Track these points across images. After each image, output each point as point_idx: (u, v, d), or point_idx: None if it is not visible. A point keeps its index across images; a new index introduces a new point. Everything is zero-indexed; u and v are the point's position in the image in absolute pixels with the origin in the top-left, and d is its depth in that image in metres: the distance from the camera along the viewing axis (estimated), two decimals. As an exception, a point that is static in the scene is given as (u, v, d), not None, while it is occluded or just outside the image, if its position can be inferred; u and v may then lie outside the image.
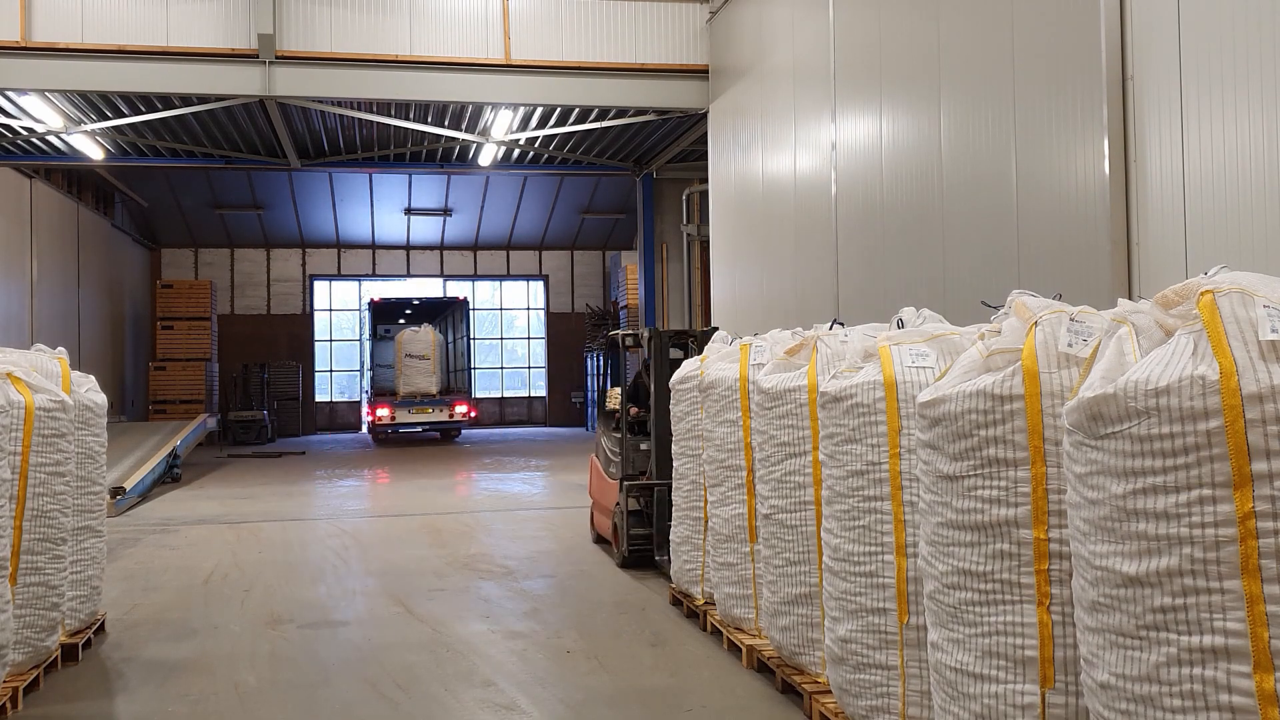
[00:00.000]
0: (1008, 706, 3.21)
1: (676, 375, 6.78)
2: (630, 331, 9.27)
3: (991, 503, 3.27)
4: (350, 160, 17.41)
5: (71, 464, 5.74)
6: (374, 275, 28.71)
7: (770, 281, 10.94)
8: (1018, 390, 3.25)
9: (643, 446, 8.54)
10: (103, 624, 6.61)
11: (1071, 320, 3.30)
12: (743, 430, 5.75)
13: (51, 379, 5.85)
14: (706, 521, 6.37)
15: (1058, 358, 3.24)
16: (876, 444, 4.13)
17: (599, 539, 9.61)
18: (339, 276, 28.70)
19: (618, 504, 8.50)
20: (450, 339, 26.32)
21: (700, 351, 7.58)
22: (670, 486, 7.32)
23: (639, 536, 8.28)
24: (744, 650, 5.65)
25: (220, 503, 13.42)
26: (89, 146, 15.99)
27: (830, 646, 4.38)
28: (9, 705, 4.96)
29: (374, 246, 28.48)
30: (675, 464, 6.86)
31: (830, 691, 4.57)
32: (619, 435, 8.77)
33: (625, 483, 8.34)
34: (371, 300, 25.94)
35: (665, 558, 7.72)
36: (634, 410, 8.79)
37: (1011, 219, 6.80)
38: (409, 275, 28.88)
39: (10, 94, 12.65)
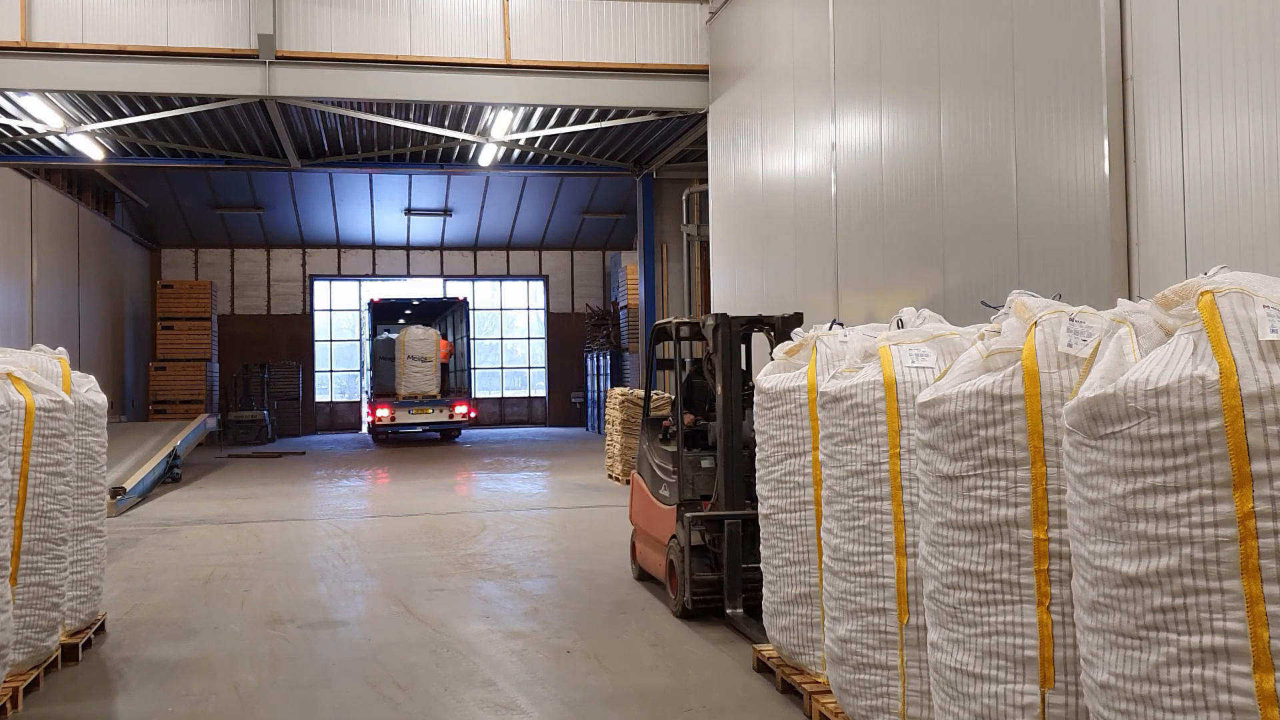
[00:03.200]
0: (1008, 706, 3.21)
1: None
2: (687, 320, 7.36)
3: (991, 503, 3.27)
4: (350, 160, 17.40)
5: (71, 464, 5.73)
6: (374, 275, 28.71)
7: (770, 281, 10.94)
8: (1017, 390, 3.25)
9: (704, 464, 6.87)
10: (103, 624, 6.60)
11: (1071, 320, 3.30)
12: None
13: (51, 379, 5.84)
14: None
15: (1057, 358, 3.24)
16: (876, 444, 4.13)
17: (642, 574, 7.93)
18: (339, 277, 28.70)
19: (674, 537, 6.82)
20: (450, 339, 26.32)
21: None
22: (745, 519, 6.19)
23: (705, 583, 6.53)
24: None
25: (220, 503, 13.42)
26: (89, 146, 15.98)
27: (830, 646, 4.38)
28: (9, 705, 4.96)
29: (374, 247, 28.48)
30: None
31: (830, 691, 4.57)
32: (672, 450, 7.08)
33: (685, 511, 6.58)
34: (371, 301, 25.95)
35: (739, 611, 6.31)
36: (690, 418, 7.23)
37: (1011, 219, 6.79)
38: (409, 275, 28.88)
39: (10, 94, 12.65)
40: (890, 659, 4.07)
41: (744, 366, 6.90)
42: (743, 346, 6.87)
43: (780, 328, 6.87)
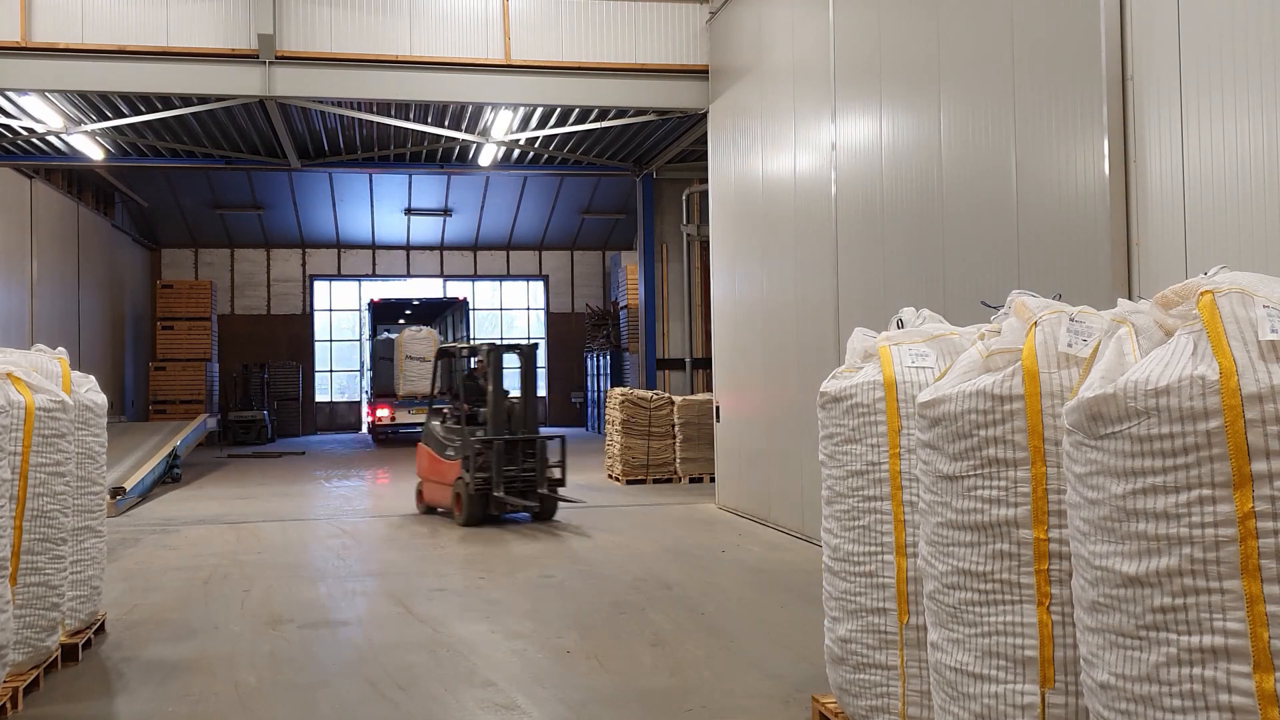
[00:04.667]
0: (1008, 706, 3.21)
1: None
2: (466, 345, 12.65)
3: (991, 503, 3.27)
4: (350, 160, 17.40)
5: (71, 464, 5.73)
6: (374, 275, 28.72)
7: (770, 281, 10.94)
8: (1017, 390, 3.25)
9: (476, 434, 11.13)
10: (103, 624, 6.60)
11: (1071, 320, 3.29)
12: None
13: (51, 379, 5.84)
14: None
15: (1057, 358, 3.24)
16: (876, 444, 4.12)
17: (428, 510, 12.07)
18: (339, 277, 28.70)
19: (459, 478, 11.03)
20: (450, 339, 26.32)
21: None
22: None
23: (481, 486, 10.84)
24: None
25: (220, 503, 13.42)
26: (89, 146, 15.98)
27: (830, 646, 4.37)
28: (9, 705, 4.96)
29: (374, 247, 28.48)
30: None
31: (830, 691, 4.56)
32: (455, 427, 11.56)
33: (468, 452, 10.93)
34: (371, 301, 25.94)
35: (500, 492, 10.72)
36: (465, 407, 11.59)
37: (1011, 219, 6.79)
38: (409, 275, 28.89)
39: (10, 94, 12.64)
40: (890, 659, 4.07)
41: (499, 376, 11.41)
42: (502, 358, 11.60)
43: (528, 351, 11.96)
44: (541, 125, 15.03)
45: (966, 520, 3.33)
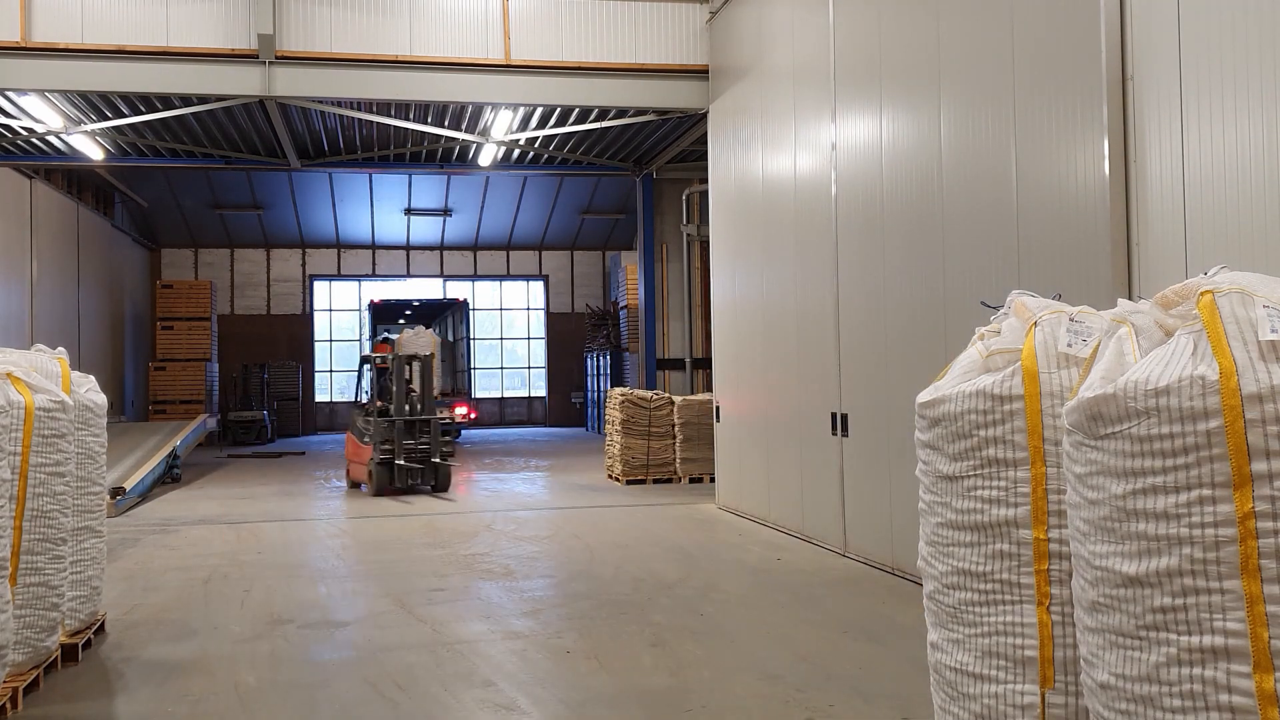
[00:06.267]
0: (1008, 707, 3.21)
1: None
2: (378, 355, 16.70)
3: (991, 503, 3.27)
4: (350, 160, 17.40)
5: (71, 464, 5.73)
6: (374, 275, 28.73)
7: (770, 281, 10.94)
8: (1017, 390, 3.25)
9: (384, 424, 13.75)
10: (103, 624, 6.60)
11: (1071, 320, 3.29)
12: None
13: (51, 379, 5.84)
14: None
15: (1057, 358, 3.24)
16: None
17: (351, 485, 14.82)
18: (339, 277, 28.71)
19: (371, 459, 13.74)
20: (450, 340, 26.32)
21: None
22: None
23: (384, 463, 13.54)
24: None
25: (220, 503, 13.42)
26: (89, 146, 15.98)
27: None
28: (9, 705, 4.96)
29: (374, 247, 28.48)
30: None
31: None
32: (372, 418, 14.06)
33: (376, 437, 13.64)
34: (372, 301, 25.95)
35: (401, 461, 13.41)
36: (380, 403, 14.63)
37: (1011, 219, 6.79)
38: (409, 276, 28.90)
39: (10, 94, 12.64)
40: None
41: (408, 379, 14.35)
42: (408, 366, 14.55)
43: (425, 360, 14.90)
44: (541, 125, 15.03)
45: (966, 520, 3.33)
